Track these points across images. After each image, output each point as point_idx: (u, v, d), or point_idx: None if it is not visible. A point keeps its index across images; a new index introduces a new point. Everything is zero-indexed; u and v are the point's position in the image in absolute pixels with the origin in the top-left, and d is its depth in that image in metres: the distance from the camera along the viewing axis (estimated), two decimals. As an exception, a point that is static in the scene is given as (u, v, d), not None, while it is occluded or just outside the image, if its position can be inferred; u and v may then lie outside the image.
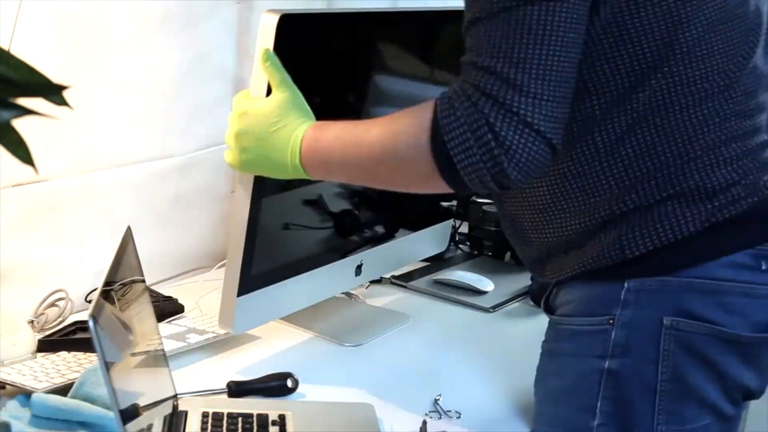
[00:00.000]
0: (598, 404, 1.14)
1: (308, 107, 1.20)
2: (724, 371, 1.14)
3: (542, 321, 1.69)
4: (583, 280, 1.16)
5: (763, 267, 1.13)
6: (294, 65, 1.30)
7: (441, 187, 1.06)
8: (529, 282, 1.88)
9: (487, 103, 0.99)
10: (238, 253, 1.32)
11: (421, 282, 1.83)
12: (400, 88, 1.64)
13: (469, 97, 1.00)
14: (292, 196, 1.45)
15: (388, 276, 1.81)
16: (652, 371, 1.12)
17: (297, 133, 1.16)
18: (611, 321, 1.13)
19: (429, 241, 1.81)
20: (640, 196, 1.10)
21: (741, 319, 1.12)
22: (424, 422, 1.24)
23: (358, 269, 1.60)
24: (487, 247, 2.00)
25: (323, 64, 1.42)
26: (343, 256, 1.56)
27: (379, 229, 1.66)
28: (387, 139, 1.08)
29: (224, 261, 1.75)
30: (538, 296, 1.41)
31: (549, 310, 1.23)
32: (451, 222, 1.86)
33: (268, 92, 1.23)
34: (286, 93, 1.20)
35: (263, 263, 1.37)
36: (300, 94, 1.21)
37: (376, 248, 1.63)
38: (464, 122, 1.00)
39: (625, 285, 1.12)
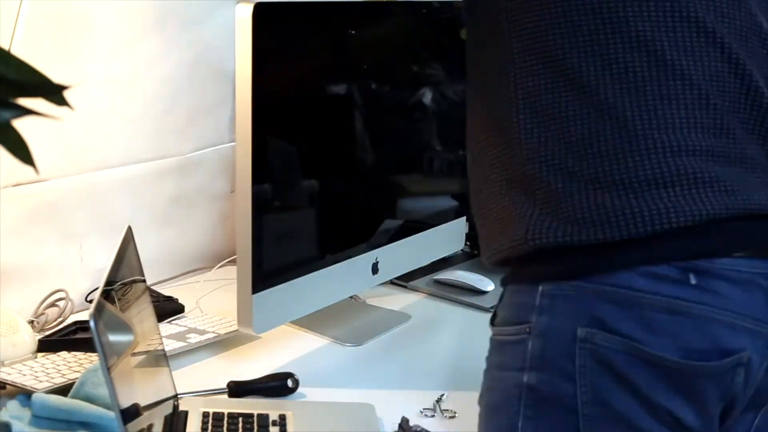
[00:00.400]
0: (520, 424, 1.02)
1: None
2: (651, 398, 0.97)
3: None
4: (509, 281, 1.07)
5: (693, 281, 0.96)
6: (272, 55, 1.30)
7: None
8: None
9: None
10: (247, 250, 1.32)
11: (421, 282, 1.83)
12: (380, 76, 1.64)
13: None
14: (302, 190, 1.45)
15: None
16: (571, 390, 0.99)
17: None
18: (528, 329, 1.01)
19: (445, 239, 1.80)
20: (555, 164, 0.99)
21: (666, 340, 0.96)
22: (404, 419, 1.24)
23: (375, 268, 1.60)
24: (488, 247, 2.00)
25: (302, 52, 1.42)
26: (357, 252, 1.55)
27: (393, 226, 1.66)
28: None
29: (224, 261, 1.77)
30: None
31: (492, 319, 1.12)
32: (463, 220, 1.86)
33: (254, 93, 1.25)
34: None
35: (275, 259, 1.37)
36: None
37: (391, 245, 1.63)
38: None
39: (540, 288, 1.01)
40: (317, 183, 1.51)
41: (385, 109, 1.64)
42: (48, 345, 1.41)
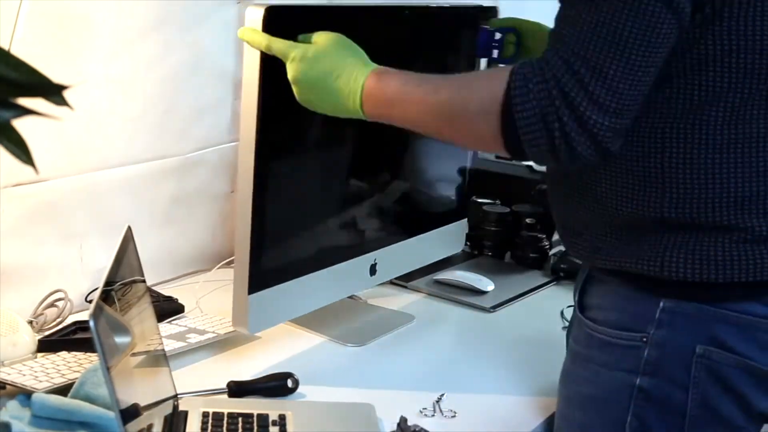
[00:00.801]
0: (628, 419, 1.14)
1: (357, 47, 1.21)
2: (751, 403, 1.14)
3: (542, 321, 1.69)
4: (618, 285, 1.15)
5: None
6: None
7: (499, 152, 1.10)
8: (529, 282, 1.88)
9: (559, 97, 1.02)
10: (245, 250, 1.32)
11: (421, 282, 1.83)
12: None
13: (546, 83, 1.02)
14: (299, 190, 1.45)
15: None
16: (682, 396, 1.12)
17: (357, 79, 1.17)
18: (644, 339, 1.12)
19: (443, 241, 1.81)
20: (693, 212, 1.08)
21: None
22: (403, 419, 1.24)
23: (373, 269, 1.60)
24: (487, 247, 2.00)
25: None
26: (356, 254, 1.55)
27: (392, 227, 1.66)
28: (456, 102, 1.10)
29: (224, 261, 1.77)
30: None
31: (581, 307, 1.22)
32: (464, 222, 1.86)
33: (261, 85, 1.26)
34: (330, 37, 1.20)
35: (272, 260, 1.37)
36: (343, 36, 1.22)
37: (389, 247, 1.63)
38: (536, 105, 1.03)
39: (661, 304, 1.11)
40: (317, 185, 1.51)
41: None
42: (48, 345, 1.41)
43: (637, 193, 1.11)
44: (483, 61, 1.66)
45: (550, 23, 1.10)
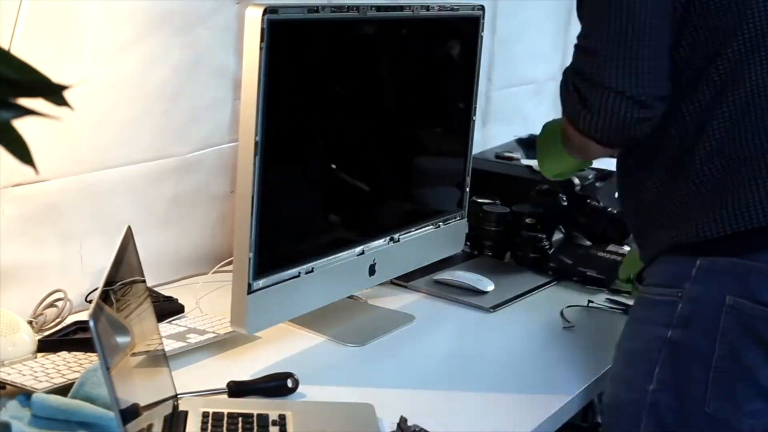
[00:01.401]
0: (656, 370, 1.23)
1: None
2: None
3: (542, 321, 1.69)
4: (662, 254, 1.28)
5: None
6: (283, 60, 1.30)
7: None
8: (529, 282, 1.88)
9: (574, 72, 1.27)
10: (245, 250, 1.32)
11: (421, 282, 1.83)
12: (392, 79, 1.64)
13: (566, 71, 1.29)
14: (299, 190, 1.45)
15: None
16: (710, 346, 1.20)
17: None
18: (680, 294, 1.23)
19: (442, 241, 1.81)
20: (716, 173, 1.22)
21: None
22: (402, 418, 1.24)
23: (372, 270, 1.60)
24: (487, 247, 2.00)
25: (313, 58, 1.42)
26: (355, 254, 1.55)
27: (391, 227, 1.66)
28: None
29: (224, 261, 1.77)
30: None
31: (639, 280, 1.36)
32: (464, 222, 1.86)
33: (261, 91, 1.27)
34: None
35: (271, 260, 1.37)
36: None
37: (388, 247, 1.64)
38: (569, 94, 1.28)
39: (697, 262, 1.22)
40: (317, 185, 1.51)
41: (387, 114, 1.64)
42: (48, 345, 1.41)
43: (665, 176, 1.28)
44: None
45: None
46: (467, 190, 1.85)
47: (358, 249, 1.56)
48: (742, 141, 1.21)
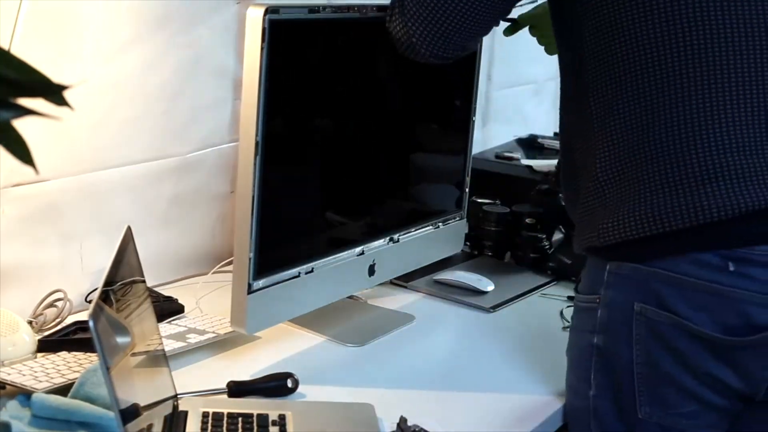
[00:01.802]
0: (592, 376, 1.23)
1: None
2: (696, 365, 1.16)
3: (542, 321, 1.69)
4: (588, 257, 1.26)
5: (731, 268, 1.13)
6: (284, 60, 1.30)
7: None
8: (529, 282, 1.88)
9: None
10: (245, 250, 1.32)
11: (421, 282, 1.83)
12: (392, 79, 1.63)
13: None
14: (299, 190, 1.45)
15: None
16: (628, 353, 1.19)
17: None
18: (598, 300, 1.22)
19: (442, 241, 1.81)
20: (618, 170, 1.18)
21: (706, 317, 1.14)
22: (402, 418, 1.24)
23: (371, 270, 1.60)
24: (487, 247, 2.00)
25: (314, 58, 1.43)
26: (355, 254, 1.55)
27: (391, 227, 1.66)
28: None
29: (224, 261, 1.77)
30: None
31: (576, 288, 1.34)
32: (464, 222, 1.86)
33: (262, 91, 1.27)
34: None
35: (271, 260, 1.37)
36: None
37: (387, 247, 1.64)
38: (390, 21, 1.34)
39: (607, 267, 1.20)
40: (317, 184, 1.51)
41: (388, 115, 1.64)
42: (48, 345, 1.41)
43: (577, 171, 1.25)
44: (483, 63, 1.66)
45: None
46: (467, 190, 1.85)
47: (358, 249, 1.56)
48: (644, 139, 1.16)
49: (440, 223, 1.78)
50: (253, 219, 1.32)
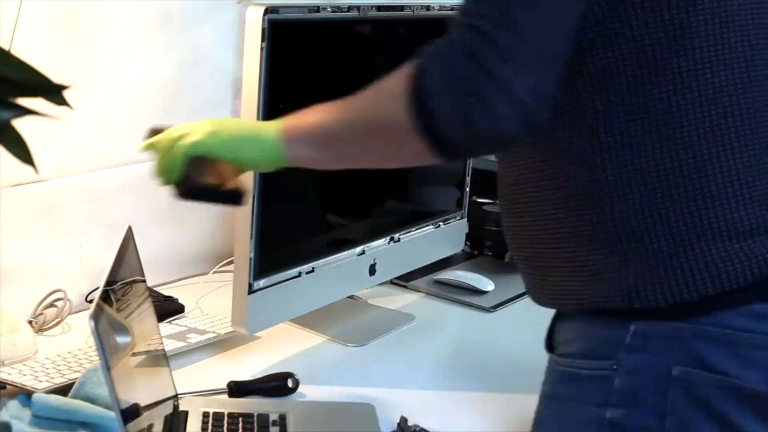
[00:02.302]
0: None
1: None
2: (738, 427, 1.00)
3: (542, 321, 1.69)
4: (585, 317, 1.06)
5: None
6: (284, 59, 1.31)
7: (417, 150, 0.94)
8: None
9: (471, 62, 0.89)
10: (245, 250, 1.33)
11: (421, 282, 1.83)
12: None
13: (452, 55, 0.91)
14: (298, 192, 1.45)
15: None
16: (658, 426, 1.01)
17: (275, 124, 1.08)
18: (614, 366, 1.01)
19: (442, 241, 1.81)
20: (647, 225, 0.99)
21: (758, 374, 1.00)
22: (403, 418, 1.24)
23: (372, 269, 1.60)
24: (487, 247, 2.00)
25: (314, 57, 1.43)
26: (355, 253, 1.56)
27: (391, 227, 1.66)
28: (367, 98, 1.01)
29: (224, 261, 1.77)
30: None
31: (549, 348, 1.14)
32: (464, 222, 1.86)
33: (262, 91, 1.27)
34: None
35: (272, 260, 1.37)
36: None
37: (388, 247, 1.64)
38: (446, 74, 0.91)
39: (631, 327, 1.01)
40: (317, 185, 1.51)
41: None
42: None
43: (582, 220, 1.02)
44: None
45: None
46: (467, 189, 1.85)
47: (359, 249, 1.56)
48: (688, 190, 0.98)
49: (441, 223, 1.78)
50: (253, 219, 1.32)
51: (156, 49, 1.65)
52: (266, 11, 1.27)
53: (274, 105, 1.31)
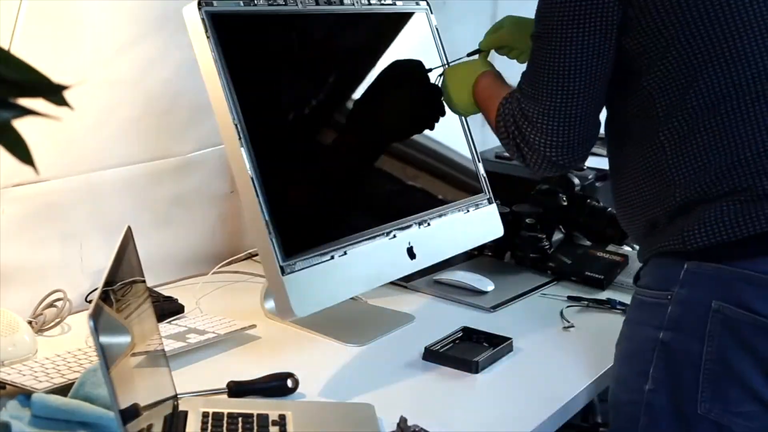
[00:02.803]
0: (651, 371, 1.26)
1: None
2: (764, 359, 1.20)
3: (542, 321, 1.69)
4: (654, 256, 1.31)
5: None
6: (237, 47, 1.36)
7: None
8: (529, 282, 1.88)
9: (514, 128, 1.37)
10: (264, 235, 1.33)
11: (421, 282, 1.83)
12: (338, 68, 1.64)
13: (506, 118, 1.39)
14: (298, 170, 1.46)
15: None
16: (698, 349, 1.22)
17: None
18: (669, 297, 1.25)
19: (479, 225, 1.79)
20: (700, 191, 1.23)
21: None
22: (402, 419, 1.24)
23: (411, 253, 1.59)
24: (487, 247, 2.00)
25: (259, 49, 1.45)
26: (384, 236, 1.55)
27: (419, 206, 1.66)
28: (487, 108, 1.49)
29: (224, 261, 1.77)
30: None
31: (635, 280, 1.38)
32: (494, 206, 1.83)
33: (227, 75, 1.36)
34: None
35: (294, 240, 1.37)
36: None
37: (421, 229, 1.63)
38: (503, 132, 1.41)
39: (685, 266, 1.24)
40: (317, 163, 1.52)
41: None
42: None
43: (656, 196, 1.29)
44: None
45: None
46: (483, 174, 1.83)
47: (389, 232, 1.56)
48: (726, 152, 1.23)
49: (469, 208, 1.77)
50: (259, 200, 1.32)
51: (156, 50, 1.65)
52: (200, 4, 1.32)
53: (240, 89, 1.35)
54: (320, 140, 1.55)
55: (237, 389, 1.33)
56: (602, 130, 1.39)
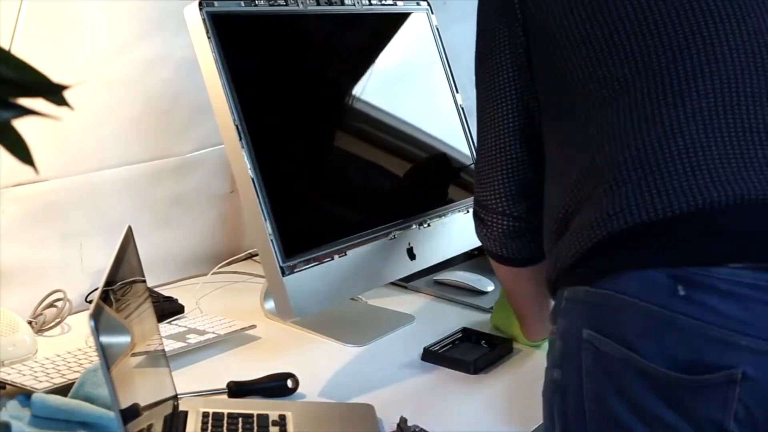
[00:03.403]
0: (555, 412, 1.08)
1: None
2: (643, 406, 0.98)
3: (542, 321, 1.69)
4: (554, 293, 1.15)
5: (681, 293, 0.96)
6: (237, 47, 1.36)
7: None
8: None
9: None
10: (264, 236, 1.33)
11: (421, 282, 1.83)
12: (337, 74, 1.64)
13: None
14: (298, 170, 1.46)
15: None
16: (579, 388, 1.03)
17: None
18: (555, 330, 1.09)
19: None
20: (567, 203, 1.10)
21: (656, 349, 0.96)
22: (402, 419, 1.24)
23: (411, 253, 1.59)
24: (487, 247, 2.00)
25: (260, 49, 1.45)
26: (383, 237, 1.55)
27: (419, 206, 1.66)
28: None
29: (224, 261, 1.77)
30: None
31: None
32: None
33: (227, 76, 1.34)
34: None
35: (294, 241, 1.37)
36: None
37: (421, 229, 1.63)
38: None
39: (565, 293, 1.07)
40: (318, 161, 1.52)
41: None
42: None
43: (548, 223, 1.18)
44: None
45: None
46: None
47: (387, 233, 1.56)
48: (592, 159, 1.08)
49: (470, 208, 1.76)
50: (259, 199, 1.33)
51: (156, 49, 1.65)
52: (201, 5, 1.32)
53: (240, 89, 1.36)
54: (320, 140, 1.55)
55: (237, 389, 1.33)
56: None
